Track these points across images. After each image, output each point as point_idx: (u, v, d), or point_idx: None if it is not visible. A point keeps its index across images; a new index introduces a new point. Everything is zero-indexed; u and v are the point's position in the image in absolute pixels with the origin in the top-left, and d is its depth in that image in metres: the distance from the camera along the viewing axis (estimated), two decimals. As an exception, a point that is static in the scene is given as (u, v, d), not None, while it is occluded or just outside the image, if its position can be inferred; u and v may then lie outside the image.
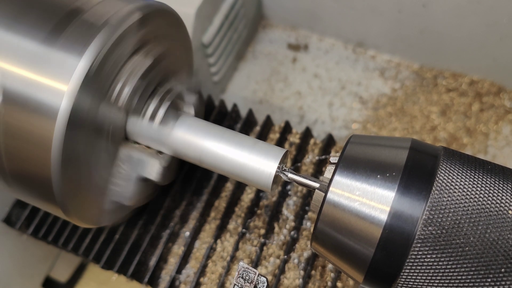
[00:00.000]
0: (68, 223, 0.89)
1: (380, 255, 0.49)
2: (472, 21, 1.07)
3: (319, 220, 0.52)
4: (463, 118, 1.14)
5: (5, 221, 0.94)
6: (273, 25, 1.36)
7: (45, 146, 0.55)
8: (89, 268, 1.25)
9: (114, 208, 0.73)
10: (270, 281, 0.78)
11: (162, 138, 0.67)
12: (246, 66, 1.30)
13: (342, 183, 0.51)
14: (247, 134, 0.87)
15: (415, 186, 0.48)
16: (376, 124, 1.16)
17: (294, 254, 0.80)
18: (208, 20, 1.07)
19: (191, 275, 0.82)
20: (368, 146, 0.54)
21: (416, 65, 1.23)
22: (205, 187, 0.89)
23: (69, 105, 0.54)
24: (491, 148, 1.09)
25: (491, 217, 0.46)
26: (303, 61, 1.28)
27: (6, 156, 0.58)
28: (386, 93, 1.20)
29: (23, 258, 1.07)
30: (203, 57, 1.10)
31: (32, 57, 0.56)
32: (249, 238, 0.83)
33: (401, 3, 1.12)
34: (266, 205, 0.85)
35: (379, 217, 0.48)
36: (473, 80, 1.18)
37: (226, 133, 0.66)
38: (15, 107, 0.56)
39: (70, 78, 0.54)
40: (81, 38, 0.56)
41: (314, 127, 1.17)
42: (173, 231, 0.85)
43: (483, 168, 0.50)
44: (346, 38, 1.29)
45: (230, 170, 0.64)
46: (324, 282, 0.78)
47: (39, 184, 0.59)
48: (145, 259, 0.84)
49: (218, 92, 1.23)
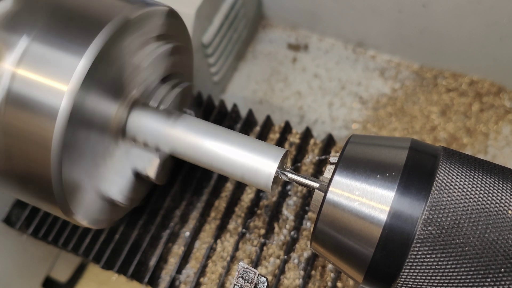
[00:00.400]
0: (68, 223, 0.89)
1: (379, 255, 0.49)
2: (472, 21, 1.07)
3: (318, 220, 0.52)
4: (463, 118, 1.14)
5: (5, 221, 0.94)
6: (273, 25, 1.36)
7: (45, 146, 0.55)
8: (89, 268, 1.25)
9: (113, 208, 0.73)
10: (270, 281, 0.78)
11: (163, 131, 0.67)
12: (246, 66, 1.30)
13: (341, 183, 0.51)
14: (247, 134, 0.87)
15: (414, 186, 0.48)
16: (376, 124, 1.16)
17: (294, 254, 0.80)
18: (208, 20, 1.07)
19: (191, 275, 0.82)
20: (368, 146, 0.54)
21: (416, 65, 1.23)
22: (205, 187, 0.89)
23: (69, 105, 0.54)
24: (491, 148, 1.09)
25: (491, 217, 0.46)
26: (303, 61, 1.28)
27: (6, 156, 0.59)
28: (386, 93, 1.20)
29: (23, 258, 1.07)
30: (203, 57, 1.10)
31: (32, 57, 0.56)
32: (249, 238, 0.83)
33: (401, 3, 1.12)
34: (266, 205, 0.85)
35: (379, 217, 0.48)
36: (473, 80, 1.18)
37: (226, 133, 0.66)
38: (15, 107, 0.56)
39: (70, 78, 0.54)
40: (81, 37, 0.57)
41: (314, 127, 1.17)
42: (173, 231, 0.85)
43: (483, 168, 0.50)
44: (346, 38, 1.29)
45: (230, 170, 0.64)
46: (324, 282, 0.78)
47: (39, 184, 0.59)
48: (145, 259, 0.84)
49: (218, 92, 1.23)
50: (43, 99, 0.55)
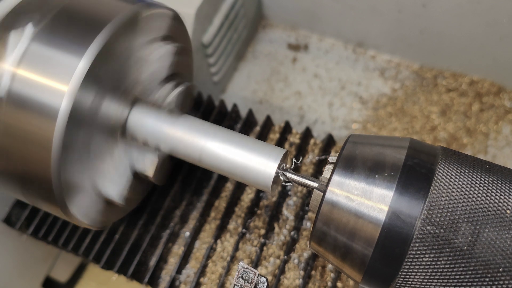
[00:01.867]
0: (68, 223, 0.89)
1: (378, 254, 0.49)
2: (472, 21, 1.07)
3: (317, 220, 0.52)
4: (463, 118, 1.14)
5: (5, 221, 0.95)
6: (273, 25, 1.36)
7: (45, 146, 0.55)
8: (89, 268, 1.25)
9: (112, 208, 0.73)
10: (270, 281, 0.78)
11: (163, 131, 0.67)
12: (246, 66, 1.30)
13: (340, 182, 0.51)
14: (247, 134, 0.87)
15: (413, 186, 0.48)
16: (376, 124, 1.16)
17: (294, 254, 0.80)
18: (208, 20, 1.07)
19: (191, 275, 0.82)
20: (367, 146, 0.54)
21: (416, 65, 1.23)
22: (205, 187, 0.89)
23: (69, 105, 0.54)
24: (491, 148, 1.09)
25: (489, 216, 0.46)
26: (303, 61, 1.28)
27: (6, 156, 0.59)
28: (386, 93, 1.20)
29: (23, 258, 1.07)
30: (203, 57, 1.10)
31: (32, 57, 0.56)
32: (249, 238, 0.83)
33: (401, 3, 1.12)
34: (266, 205, 0.85)
35: (378, 216, 0.48)
36: (473, 80, 1.18)
37: (226, 133, 0.66)
38: (15, 107, 0.56)
39: (71, 78, 0.54)
40: (82, 37, 0.57)
41: (314, 127, 1.17)
42: (173, 231, 0.85)
43: (481, 168, 0.50)
44: (346, 38, 1.29)
45: (230, 170, 0.65)
46: (324, 282, 0.78)
47: (39, 184, 0.59)
48: (145, 259, 0.84)
49: (218, 92, 1.23)
50: (43, 99, 0.55)
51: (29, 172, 0.58)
